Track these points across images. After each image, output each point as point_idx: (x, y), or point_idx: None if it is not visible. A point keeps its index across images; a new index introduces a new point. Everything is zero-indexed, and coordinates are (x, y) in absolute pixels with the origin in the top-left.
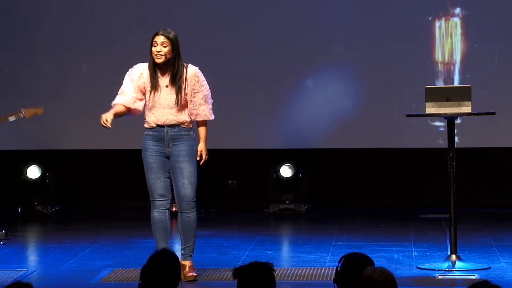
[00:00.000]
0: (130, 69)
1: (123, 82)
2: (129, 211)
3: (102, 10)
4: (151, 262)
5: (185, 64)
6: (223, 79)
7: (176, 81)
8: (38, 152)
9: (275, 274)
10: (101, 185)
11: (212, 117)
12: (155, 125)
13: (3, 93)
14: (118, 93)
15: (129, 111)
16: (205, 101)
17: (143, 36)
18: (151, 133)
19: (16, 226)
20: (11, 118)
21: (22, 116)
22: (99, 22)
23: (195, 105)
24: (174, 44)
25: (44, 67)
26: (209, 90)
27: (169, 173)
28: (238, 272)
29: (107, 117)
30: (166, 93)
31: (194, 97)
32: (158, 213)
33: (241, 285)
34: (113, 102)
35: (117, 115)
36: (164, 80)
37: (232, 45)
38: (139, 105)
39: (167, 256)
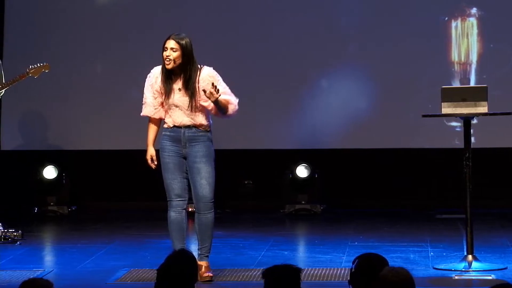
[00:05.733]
0: (149, 74)
1: (144, 89)
2: (144, 211)
3: (116, 11)
4: (168, 262)
5: (199, 67)
6: (238, 80)
7: (189, 86)
8: (54, 153)
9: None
10: (117, 185)
11: (235, 104)
12: (172, 125)
13: (17, 94)
14: (143, 102)
15: (159, 122)
16: (229, 93)
17: (158, 37)
18: (168, 133)
19: (32, 226)
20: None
21: (29, 76)
22: (113, 22)
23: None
24: (184, 49)
25: (58, 68)
26: (232, 94)
27: (186, 173)
28: (267, 273)
29: (152, 156)
30: (179, 96)
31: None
32: (175, 213)
33: (268, 285)
34: (141, 114)
35: (155, 139)
36: (177, 84)
37: (247, 46)
38: (163, 113)
39: (184, 256)
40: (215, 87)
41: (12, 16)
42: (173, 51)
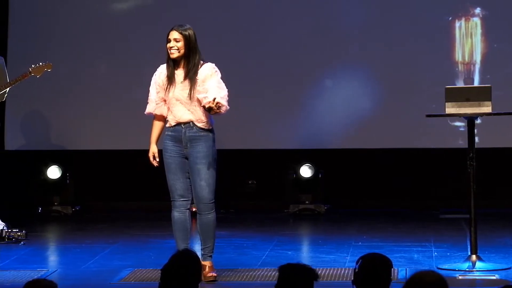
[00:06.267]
0: (155, 73)
1: (150, 87)
2: (148, 211)
3: (120, 11)
4: (172, 262)
5: (202, 62)
6: (241, 80)
7: (190, 76)
8: (58, 153)
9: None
10: (121, 185)
11: (226, 105)
12: (174, 123)
13: (21, 94)
14: (148, 100)
15: (163, 120)
16: (220, 88)
17: (161, 37)
18: (170, 133)
19: (36, 226)
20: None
21: (32, 75)
22: (116, 23)
23: (206, 90)
24: (187, 39)
25: (61, 67)
26: (225, 88)
27: (189, 173)
28: (284, 269)
29: (154, 154)
30: (180, 88)
31: (204, 84)
32: (179, 213)
33: (281, 282)
34: (145, 112)
35: (158, 137)
36: (179, 76)
37: (250, 45)
38: (164, 110)
39: (188, 256)
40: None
41: (15, 16)
42: (176, 41)
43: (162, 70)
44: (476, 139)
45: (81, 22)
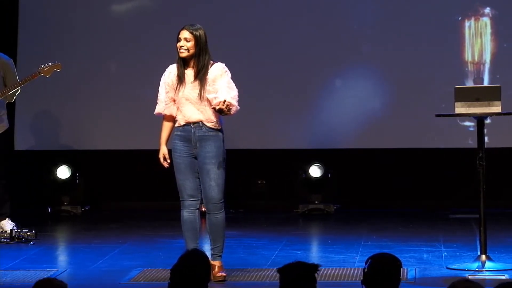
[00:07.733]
0: (164, 72)
1: (159, 88)
2: (157, 211)
3: (130, 11)
4: (181, 262)
5: (212, 62)
6: (251, 79)
7: (200, 76)
8: (68, 152)
9: (317, 276)
10: (130, 185)
11: (236, 105)
12: (183, 123)
13: (31, 94)
14: (157, 101)
15: (173, 120)
16: (230, 88)
17: (171, 38)
18: (179, 133)
19: (46, 226)
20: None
21: (41, 75)
22: (126, 23)
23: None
24: (198, 39)
25: (71, 67)
26: (235, 88)
27: (198, 173)
28: (282, 270)
29: (165, 155)
30: (190, 88)
31: (215, 84)
32: (188, 213)
33: (283, 283)
34: (154, 112)
35: (168, 138)
36: (189, 76)
37: (261, 44)
38: (174, 110)
39: (197, 256)
40: (224, 103)
41: (25, 16)
42: (187, 41)
43: (171, 70)
44: (486, 139)
45: (91, 22)
